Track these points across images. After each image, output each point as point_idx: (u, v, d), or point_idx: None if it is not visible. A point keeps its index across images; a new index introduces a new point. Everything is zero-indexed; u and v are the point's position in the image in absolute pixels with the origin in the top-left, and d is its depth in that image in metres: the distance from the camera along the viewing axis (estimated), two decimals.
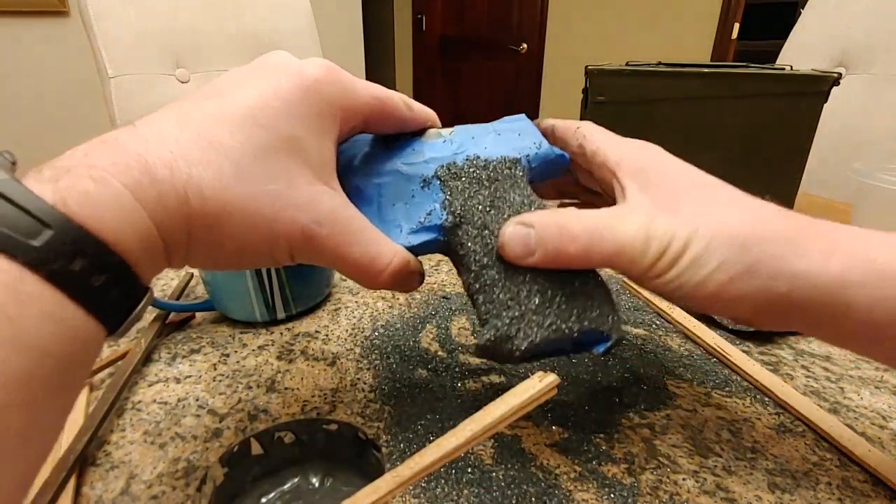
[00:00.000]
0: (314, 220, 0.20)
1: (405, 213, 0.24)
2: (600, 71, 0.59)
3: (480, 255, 0.23)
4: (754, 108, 0.55)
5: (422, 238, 0.24)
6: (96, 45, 0.84)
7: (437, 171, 0.25)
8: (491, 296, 0.23)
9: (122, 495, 0.24)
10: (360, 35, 2.35)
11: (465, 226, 0.24)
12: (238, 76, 0.21)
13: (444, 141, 0.26)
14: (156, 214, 0.17)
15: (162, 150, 0.18)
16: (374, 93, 0.23)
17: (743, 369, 0.32)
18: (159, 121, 0.19)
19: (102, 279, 0.15)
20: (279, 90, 0.20)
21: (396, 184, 0.25)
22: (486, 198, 0.24)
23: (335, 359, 0.34)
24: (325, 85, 0.21)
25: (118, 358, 0.33)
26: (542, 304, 0.22)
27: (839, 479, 0.25)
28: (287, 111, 0.20)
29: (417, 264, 0.24)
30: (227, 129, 0.19)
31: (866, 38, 0.85)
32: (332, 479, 0.27)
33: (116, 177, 0.16)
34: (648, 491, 0.24)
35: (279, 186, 0.19)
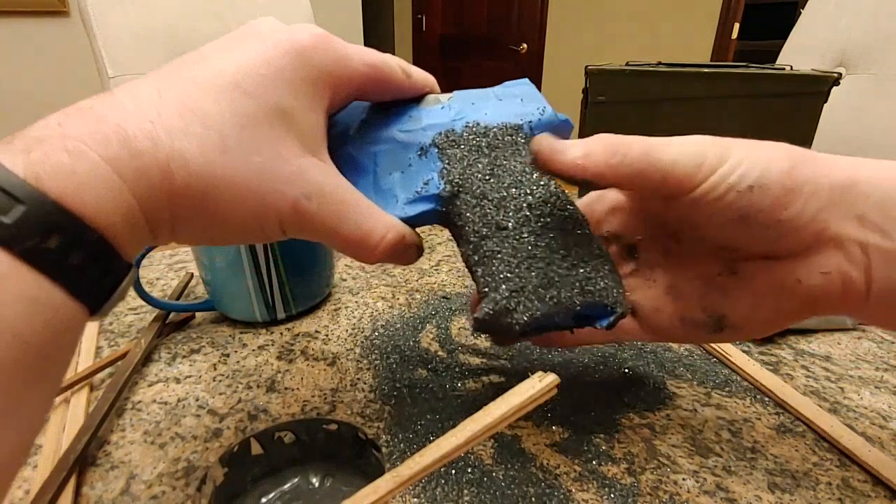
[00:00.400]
0: (303, 193, 0.19)
1: (402, 182, 0.23)
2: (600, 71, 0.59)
3: (479, 226, 0.22)
4: (754, 108, 0.55)
5: (419, 208, 0.23)
6: (96, 45, 0.84)
7: (435, 138, 0.24)
8: (490, 268, 0.22)
9: (122, 495, 0.24)
10: (360, 35, 2.35)
11: (463, 195, 0.23)
12: (223, 42, 0.20)
13: (442, 107, 0.25)
14: (137, 189, 0.16)
15: (142, 119, 0.16)
16: (369, 60, 0.22)
17: (743, 369, 0.32)
18: (139, 88, 0.18)
19: (80, 257, 0.15)
20: (267, 56, 0.19)
21: (393, 152, 0.24)
22: (486, 166, 0.23)
23: (335, 359, 0.34)
24: (316, 52, 0.20)
25: (118, 358, 0.33)
26: (544, 276, 0.21)
27: (839, 479, 0.25)
28: (275, 79, 0.19)
29: (414, 237, 0.23)
30: (211, 97, 0.18)
31: (866, 38, 0.85)
32: (332, 479, 0.27)
33: (94, 149, 0.15)
34: (648, 491, 0.24)
35: (266, 158, 0.18)
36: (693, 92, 0.56)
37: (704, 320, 0.23)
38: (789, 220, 0.19)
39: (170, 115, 0.17)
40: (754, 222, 0.20)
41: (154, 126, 0.16)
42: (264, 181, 0.19)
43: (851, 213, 0.19)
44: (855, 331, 0.38)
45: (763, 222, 0.20)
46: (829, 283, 0.20)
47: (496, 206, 0.22)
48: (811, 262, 0.20)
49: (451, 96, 0.26)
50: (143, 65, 0.88)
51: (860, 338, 0.37)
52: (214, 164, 0.17)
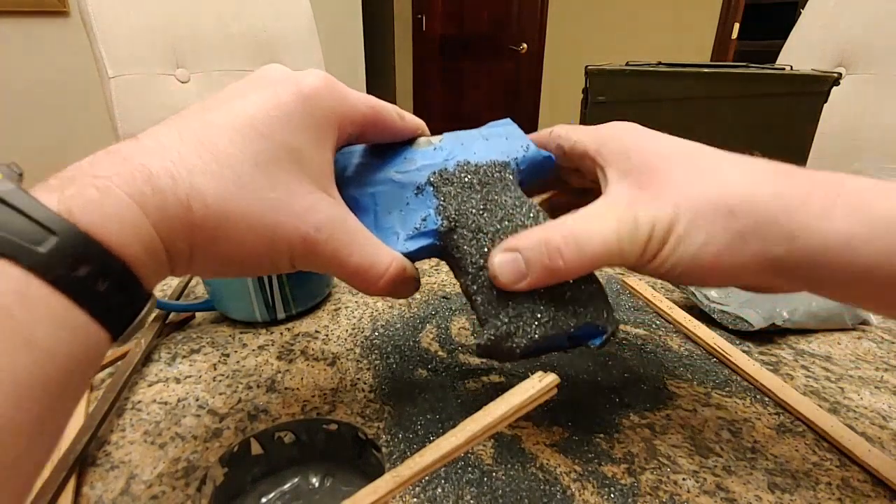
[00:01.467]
0: (314, 227, 0.21)
1: (401, 220, 0.25)
2: (600, 71, 0.59)
3: (476, 258, 0.24)
4: (754, 108, 0.55)
5: (418, 244, 0.24)
6: (96, 45, 0.84)
7: (430, 177, 0.25)
8: (489, 296, 0.23)
9: (122, 495, 0.24)
10: (360, 35, 2.35)
11: (459, 229, 0.24)
12: (238, 88, 0.21)
13: (434, 148, 0.27)
14: (159, 223, 0.17)
15: (164, 159, 0.18)
16: (369, 102, 0.24)
17: (743, 369, 0.32)
18: (161, 132, 0.19)
19: (106, 285, 0.16)
20: (279, 101, 0.20)
21: (391, 192, 0.26)
22: (479, 201, 0.25)
23: (335, 359, 0.34)
24: (323, 95, 0.21)
25: (118, 358, 0.33)
26: (540, 302, 0.23)
27: (839, 479, 0.25)
28: (286, 121, 0.20)
29: (413, 270, 0.25)
30: (227, 138, 0.19)
31: (866, 38, 0.85)
32: (332, 479, 0.27)
33: (120, 186, 0.17)
34: (648, 491, 0.24)
35: (280, 195, 0.20)
36: (693, 92, 0.56)
37: None
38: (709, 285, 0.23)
39: (189, 154, 0.18)
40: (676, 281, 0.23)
41: (175, 165, 0.18)
42: (278, 215, 0.20)
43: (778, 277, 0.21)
44: (855, 331, 0.38)
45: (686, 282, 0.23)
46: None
47: (491, 239, 0.24)
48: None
49: (441, 138, 0.28)
50: (143, 65, 0.88)
51: (860, 338, 0.37)
52: (231, 199, 0.19)
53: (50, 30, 1.74)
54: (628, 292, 0.44)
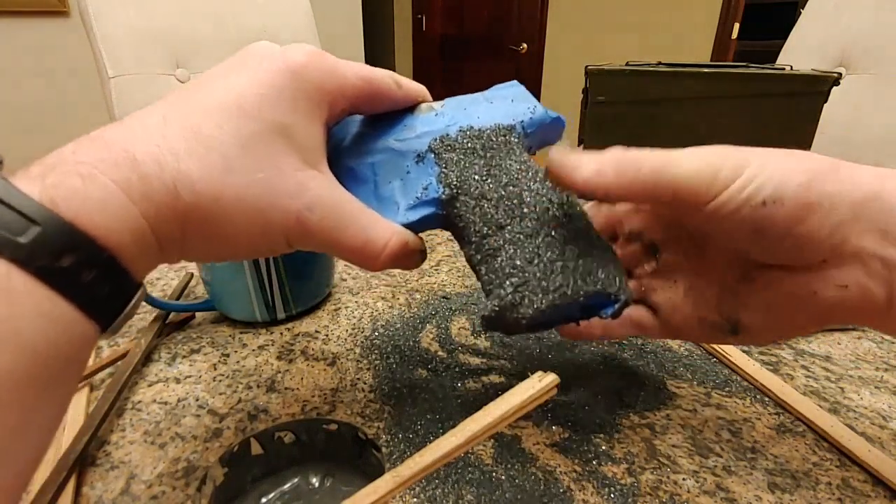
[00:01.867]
0: (305, 205, 0.20)
1: (401, 189, 0.24)
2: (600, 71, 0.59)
3: (480, 225, 0.23)
4: (754, 108, 0.55)
5: (420, 213, 0.23)
6: (96, 45, 0.84)
7: (431, 144, 0.24)
8: (493, 265, 0.22)
9: (122, 495, 0.24)
10: (360, 35, 2.35)
11: (462, 197, 0.23)
12: (222, 68, 0.21)
13: (435, 114, 0.25)
14: (146, 209, 0.17)
15: (149, 144, 0.17)
16: (362, 74, 0.23)
17: (743, 369, 0.32)
18: (145, 116, 0.19)
19: (92, 275, 0.15)
20: (264, 77, 0.20)
21: (390, 161, 0.24)
22: (482, 167, 0.23)
23: (335, 359, 0.34)
24: (311, 69, 0.21)
25: (118, 358, 0.33)
26: (546, 269, 0.22)
27: (839, 479, 0.25)
28: (273, 98, 0.20)
29: (417, 241, 0.23)
30: (213, 120, 0.19)
31: (866, 38, 0.85)
32: (332, 479, 0.27)
33: (105, 173, 0.16)
34: (648, 491, 0.24)
35: (268, 174, 0.19)
36: (693, 92, 0.56)
37: (721, 323, 0.23)
38: (805, 234, 0.19)
39: (174, 138, 0.18)
40: (769, 236, 0.20)
41: (160, 149, 0.17)
42: (268, 196, 0.19)
43: (873, 227, 0.19)
44: (855, 331, 0.38)
45: (777, 236, 0.19)
46: (847, 296, 0.20)
47: (495, 206, 0.23)
48: (829, 274, 0.20)
49: (442, 103, 0.26)
50: (143, 65, 0.88)
51: (860, 338, 0.37)
52: (219, 182, 0.18)
53: (50, 30, 1.74)
54: None
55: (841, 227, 0.19)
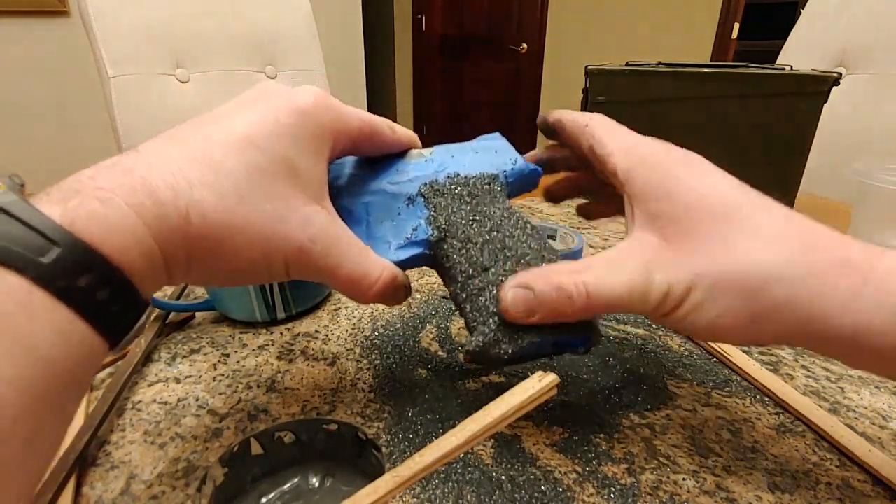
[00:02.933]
0: (309, 238, 0.21)
1: (392, 229, 0.26)
2: (600, 71, 0.59)
3: (465, 266, 0.24)
4: (754, 108, 0.55)
5: (409, 252, 0.25)
6: (96, 45, 0.84)
7: (421, 188, 0.26)
8: (477, 304, 0.24)
9: (122, 495, 0.24)
10: (359, 35, 2.34)
11: (449, 239, 0.25)
12: (235, 104, 0.22)
13: (425, 160, 0.28)
14: (158, 234, 0.18)
15: (165, 172, 0.18)
16: (362, 117, 0.25)
17: (743, 369, 0.32)
18: (161, 145, 0.20)
19: (106, 294, 0.16)
20: (276, 115, 0.21)
21: (383, 202, 0.26)
22: (469, 212, 0.25)
23: (335, 359, 0.34)
24: (319, 110, 0.22)
25: (118, 358, 0.33)
26: None
27: (839, 479, 0.25)
28: (283, 134, 0.21)
29: (404, 278, 0.25)
30: (226, 152, 0.20)
31: (866, 38, 0.85)
32: (332, 479, 0.27)
33: (122, 197, 0.17)
34: (648, 491, 0.24)
35: (276, 206, 0.20)
36: (693, 92, 0.56)
37: None
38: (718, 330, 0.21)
39: (189, 168, 0.19)
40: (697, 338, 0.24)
41: (175, 178, 0.18)
42: (274, 226, 0.20)
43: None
44: None
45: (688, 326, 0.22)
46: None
47: (480, 249, 0.25)
48: None
49: (432, 151, 0.29)
50: (143, 65, 0.88)
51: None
52: (229, 212, 0.19)
53: (50, 30, 1.74)
54: None
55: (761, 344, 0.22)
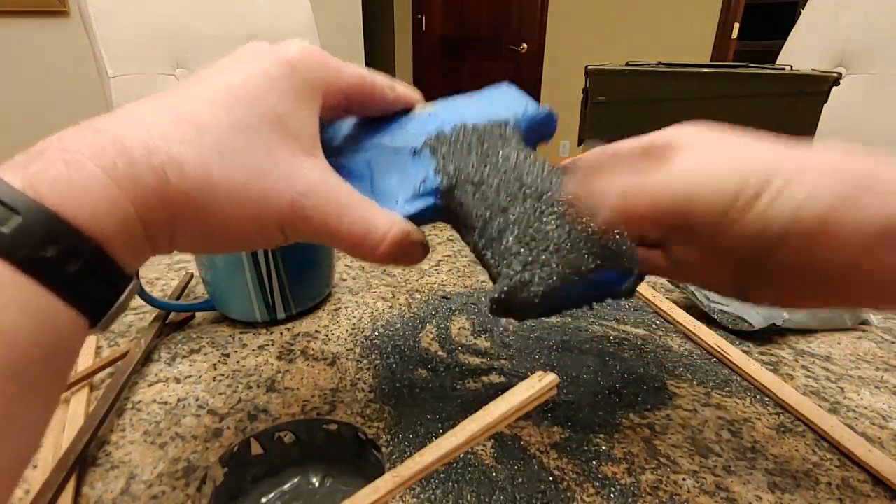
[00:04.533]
0: (300, 192, 0.19)
1: (399, 182, 0.24)
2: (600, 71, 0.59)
3: (482, 210, 0.22)
4: (754, 108, 0.55)
5: (419, 205, 0.23)
6: (96, 45, 0.84)
7: (427, 139, 0.24)
8: (499, 247, 0.22)
9: (122, 495, 0.24)
10: (360, 35, 2.34)
11: (461, 184, 0.23)
12: (218, 66, 0.21)
13: (429, 114, 0.25)
14: (134, 197, 0.16)
15: (139, 129, 0.17)
16: (357, 72, 0.23)
17: (743, 369, 0.32)
18: (137, 104, 0.18)
19: (78, 266, 0.15)
20: (259, 69, 0.20)
21: (386, 157, 0.24)
22: (479, 157, 0.23)
23: (335, 359, 0.34)
24: (305, 61, 0.21)
25: (118, 358, 0.33)
26: (553, 247, 0.21)
27: (839, 479, 0.25)
28: (269, 87, 0.20)
29: (419, 233, 0.22)
30: (207, 108, 0.19)
31: (866, 38, 0.85)
32: (332, 479, 0.27)
33: (91, 159, 0.16)
34: (648, 491, 0.24)
35: (262, 161, 0.19)
36: (693, 92, 0.56)
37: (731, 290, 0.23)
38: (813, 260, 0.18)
39: (167, 124, 0.17)
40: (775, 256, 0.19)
41: (150, 134, 0.17)
42: (261, 182, 0.19)
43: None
44: (855, 331, 0.38)
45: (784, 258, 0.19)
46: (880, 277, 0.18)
47: (496, 190, 0.22)
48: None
49: (435, 104, 0.26)
50: (143, 65, 0.88)
51: (860, 338, 0.37)
52: (210, 168, 0.18)
53: (50, 30, 1.74)
54: None
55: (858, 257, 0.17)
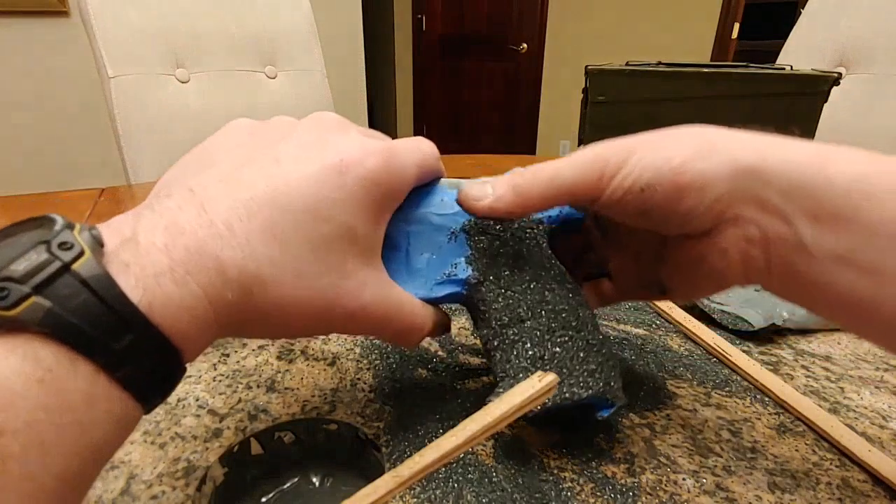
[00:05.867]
0: (361, 307, 0.22)
1: (432, 264, 0.25)
2: (600, 71, 0.59)
3: (501, 314, 0.24)
4: (754, 108, 0.55)
5: (446, 290, 0.25)
6: (96, 45, 0.84)
7: (465, 224, 0.26)
8: (509, 355, 0.24)
9: (122, 495, 0.24)
10: (360, 35, 2.34)
11: (488, 283, 0.25)
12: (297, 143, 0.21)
13: None
14: (219, 310, 0.18)
15: (235, 250, 0.18)
16: (417, 161, 0.24)
17: (743, 369, 0.32)
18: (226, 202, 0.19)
19: (161, 375, 0.16)
20: (341, 182, 0.20)
21: (425, 233, 0.26)
22: (510, 258, 0.25)
23: (335, 359, 0.34)
24: (383, 176, 0.22)
25: None
26: (557, 371, 0.23)
27: (839, 479, 0.25)
28: (347, 203, 0.21)
29: (445, 319, 0.26)
30: (291, 222, 0.19)
31: (866, 38, 0.85)
32: (332, 479, 0.27)
33: (195, 277, 0.17)
34: (648, 491, 0.24)
35: (332, 278, 0.21)
36: (693, 92, 0.56)
37: (651, 285, 0.27)
38: (684, 211, 0.21)
39: (256, 241, 0.19)
40: (654, 216, 0.22)
41: (244, 256, 0.18)
42: (329, 298, 0.21)
43: (750, 198, 0.20)
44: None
45: (661, 216, 0.22)
46: (730, 260, 0.22)
47: (518, 300, 0.25)
48: (714, 240, 0.22)
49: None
50: (143, 65, 0.88)
51: (860, 338, 0.37)
52: (288, 288, 0.19)
53: (50, 30, 1.74)
54: None
55: (718, 201, 0.21)
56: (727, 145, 0.21)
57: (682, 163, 0.20)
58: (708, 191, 0.20)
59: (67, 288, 0.14)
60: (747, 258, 0.21)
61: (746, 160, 0.20)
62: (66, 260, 0.14)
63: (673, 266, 0.25)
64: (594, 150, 0.22)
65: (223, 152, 0.21)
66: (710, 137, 0.21)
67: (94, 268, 0.14)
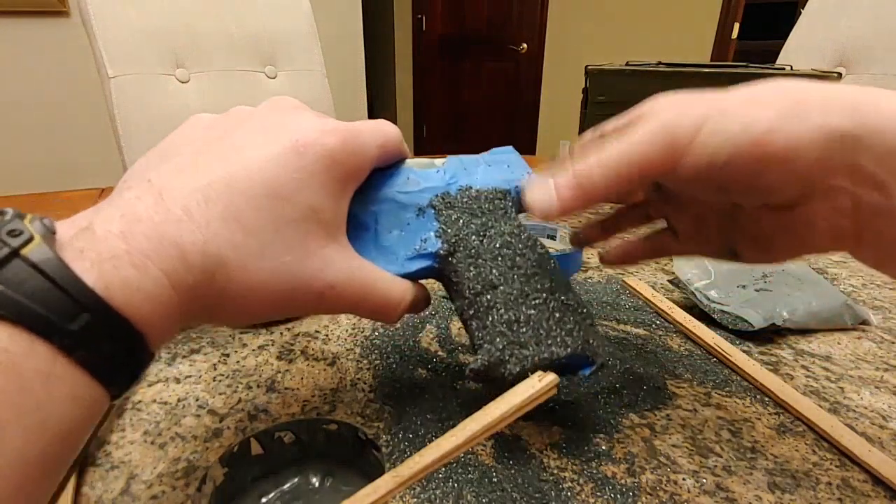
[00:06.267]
0: (327, 284, 0.21)
1: (401, 240, 0.26)
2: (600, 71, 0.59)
3: (474, 283, 0.24)
4: None
5: (417, 265, 0.25)
6: (96, 45, 0.84)
7: (432, 200, 0.26)
8: (484, 322, 0.24)
9: (122, 495, 0.24)
10: (360, 35, 2.34)
11: (458, 254, 0.25)
12: (253, 128, 0.21)
13: (437, 171, 0.27)
14: (183, 295, 0.18)
15: (195, 234, 0.18)
16: (380, 141, 0.24)
17: (743, 369, 0.32)
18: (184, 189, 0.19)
19: (123, 357, 0.16)
20: (301, 163, 0.20)
21: (392, 211, 0.26)
22: (479, 227, 0.25)
23: (335, 359, 0.34)
24: (343, 154, 0.22)
25: None
26: (534, 332, 0.23)
27: (839, 479, 0.25)
28: (307, 182, 0.21)
29: (424, 292, 0.25)
30: (252, 206, 0.19)
31: (866, 38, 0.85)
32: (332, 479, 0.27)
33: (156, 264, 0.17)
34: (648, 491, 0.24)
35: (295, 256, 0.20)
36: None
37: (722, 249, 0.26)
38: (768, 185, 0.19)
39: (217, 225, 0.19)
40: (730, 190, 0.21)
41: (205, 240, 0.18)
42: (293, 278, 0.20)
43: (846, 165, 0.18)
44: (855, 331, 0.38)
45: (739, 190, 0.20)
46: (816, 230, 0.20)
47: (489, 266, 0.24)
48: (799, 212, 0.20)
49: (444, 161, 0.28)
50: (143, 65, 0.88)
51: (860, 338, 0.37)
52: (252, 270, 0.19)
53: (50, 30, 1.74)
54: (628, 292, 0.44)
55: (808, 172, 0.18)
56: (819, 103, 0.18)
57: (767, 130, 0.18)
58: (796, 162, 0.18)
59: (18, 271, 0.14)
60: (836, 228, 0.20)
61: (841, 124, 0.17)
62: (15, 245, 0.14)
63: (748, 233, 0.24)
64: (660, 119, 0.20)
65: (183, 145, 0.21)
66: (798, 95, 0.18)
67: (44, 252, 0.15)
